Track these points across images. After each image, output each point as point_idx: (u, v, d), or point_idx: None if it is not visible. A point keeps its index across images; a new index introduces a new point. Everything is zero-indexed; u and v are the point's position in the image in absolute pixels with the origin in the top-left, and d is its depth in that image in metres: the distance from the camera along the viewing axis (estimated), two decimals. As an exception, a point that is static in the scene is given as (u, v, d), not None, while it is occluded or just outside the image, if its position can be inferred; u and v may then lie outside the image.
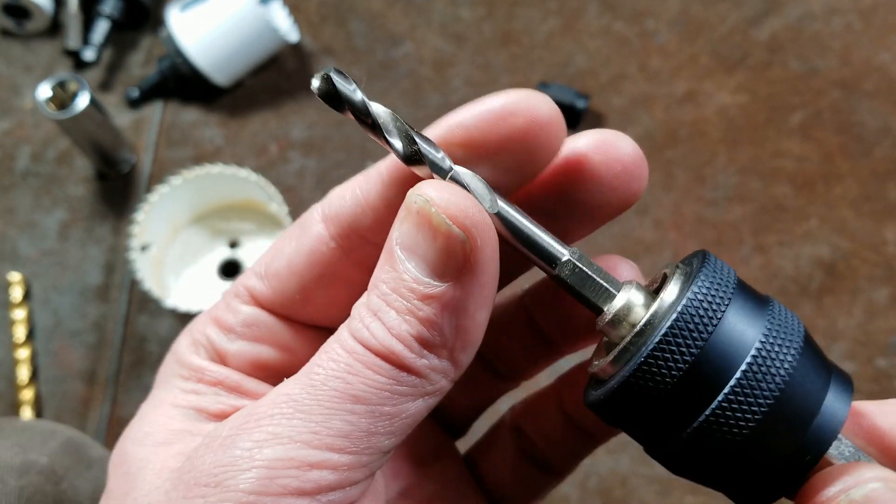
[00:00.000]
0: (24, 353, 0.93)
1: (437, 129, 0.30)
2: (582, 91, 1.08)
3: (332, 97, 0.28)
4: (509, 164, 0.29)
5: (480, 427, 0.45)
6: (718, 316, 0.26)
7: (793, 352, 0.26)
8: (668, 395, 0.26)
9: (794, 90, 1.10)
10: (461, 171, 0.29)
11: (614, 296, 0.29)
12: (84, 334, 0.96)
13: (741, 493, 0.27)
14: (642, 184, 0.31)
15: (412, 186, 0.29)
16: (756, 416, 0.25)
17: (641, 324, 0.27)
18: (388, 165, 0.31)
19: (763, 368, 0.25)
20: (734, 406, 0.25)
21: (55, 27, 1.15)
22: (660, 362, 0.26)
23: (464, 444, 0.44)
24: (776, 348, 0.26)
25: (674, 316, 0.26)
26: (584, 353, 0.38)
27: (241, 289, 0.35)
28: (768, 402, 0.25)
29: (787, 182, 1.04)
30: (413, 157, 0.28)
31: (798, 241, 1.00)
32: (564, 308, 0.36)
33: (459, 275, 0.27)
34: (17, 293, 0.96)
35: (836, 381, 0.27)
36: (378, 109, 0.29)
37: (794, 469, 0.26)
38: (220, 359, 0.35)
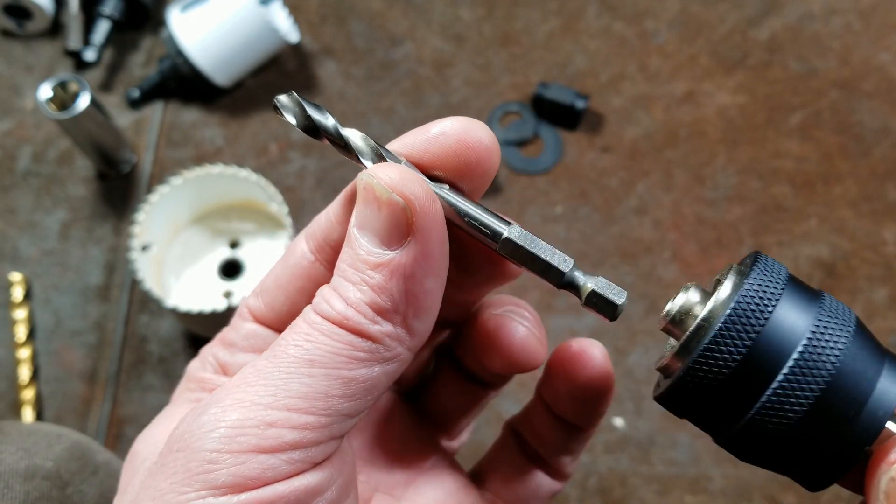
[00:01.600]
0: (24, 353, 0.93)
1: (395, 146, 0.33)
2: (582, 91, 1.08)
3: (311, 129, 0.32)
4: (454, 177, 0.33)
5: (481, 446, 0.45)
6: (770, 308, 0.28)
7: (844, 339, 0.28)
8: (726, 385, 0.28)
9: (793, 90, 1.10)
10: (383, 151, 0.32)
11: (561, 273, 0.31)
12: (85, 334, 0.96)
13: (803, 475, 0.29)
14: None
15: None
16: (809, 400, 0.27)
17: (700, 319, 0.29)
18: (349, 187, 0.34)
19: (815, 356, 0.27)
20: (788, 391, 0.27)
21: (56, 28, 1.15)
22: (717, 353, 0.28)
23: (467, 464, 0.45)
24: (827, 336, 0.28)
25: (728, 310, 0.28)
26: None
27: (243, 309, 0.39)
28: (820, 386, 0.27)
29: (786, 182, 1.04)
30: (339, 142, 0.32)
31: (797, 241, 1.00)
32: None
33: (404, 241, 0.30)
34: (17, 293, 0.96)
35: (890, 367, 0.28)
36: (349, 133, 0.32)
37: (850, 449, 0.28)
38: (224, 371, 0.38)
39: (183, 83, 1.08)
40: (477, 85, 1.11)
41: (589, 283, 0.32)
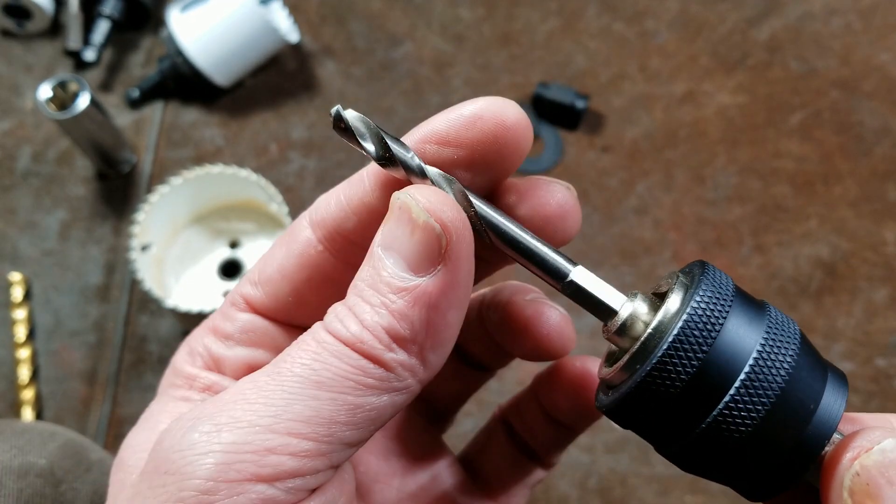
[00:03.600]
0: (24, 353, 0.93)
1: (415, 135, 0.31)
2: (582, 91, 1.08)
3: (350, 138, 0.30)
4: (481, 166, 0.31)
5: (467, 429, 0.46)
6: (720, 323, 0.28)
7: (791, 353, 0.28)
8: (676, 399, 0.28)
9: (793, 90, 1.10)
10: (431, 171, 0.30)
11: (615, 311, 0.30)
12: (84, 334, 0.96)
13: (747, 487, 0.29)
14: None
15: (393, 191, 0.30)
16: (760, 415, 0.27)
17: (647, 333, 0.29)
18: (369, 171, 0.33)
19: (764, 370, 0.27)
20: (739, 406, 0.27)
21: (56, 28, 1.15)
22: (668, 368, 0.27)
23: (456, 447, 0.46)
24: (775, 351, 0.28)
25: (679, 324, 0.27)
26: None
27: (237, 297, 0.36)
28: (770, 401, 0.27)
29: (786, 182, 1.04)
30: (385, 158, 0.30)
31: (797, 241, 1.00)
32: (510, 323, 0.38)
33: (433, 269, 0.28)
34: (17, 293, 0.96)
35: (832, 379, 0.29)
36: (350, 115, 0.30)
37: (796, 462, 0.28)
38: (216, 366, 0.36)
39: (183, 83, 1.08)
40: (477, 85, 1.11)
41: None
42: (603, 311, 0.31)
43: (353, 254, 0.34)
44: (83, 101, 0.90)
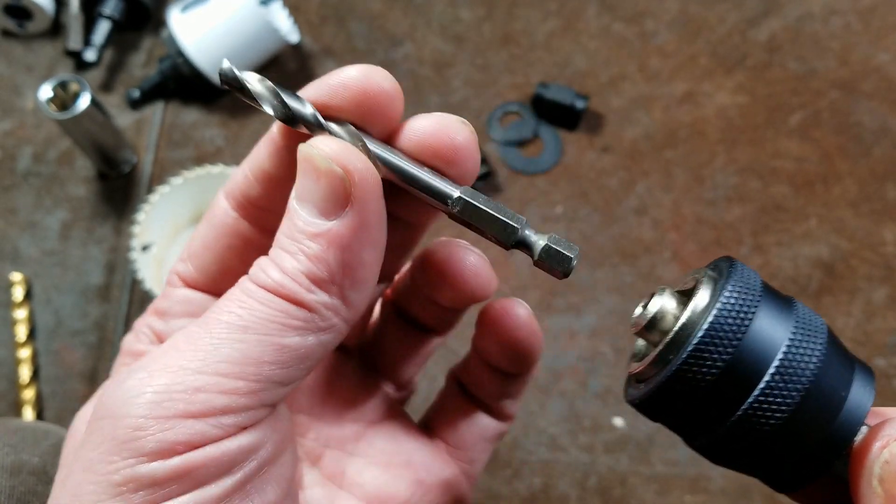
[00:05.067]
0: (25, 353, 0.94)
1: (305, 93, 0.33)
2: (581, 91, 1.08)
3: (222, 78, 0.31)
4: (365, 120, 0.33)
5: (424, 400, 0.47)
6: (749, 319, 0.28)
7: (819, 349, 0.28)
8: (706, 394, 0.28)
9: (793, 91, 1.10)
10: (333, 126, 0.32)
11: (515, 229, 0.32)
12: (85, 334, 0.96)
13: (775, 479, 0.30)
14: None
15: (287, 149, 0.33)
16: (791, 406, 0.28)
17: (677, 328, 0.29)
18: (263, 140, 0.35)
19: (793, 365, 0.28)
20: (768, 401, 0.28)
21: (56, 28, 1.15)
22: (701, 358, 0.28)
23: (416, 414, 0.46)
24: (803, 346, 0.28)
25: (709, 320, 0.28)
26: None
27: (172, 277, 0.38)
28: (801, 392, 0.28)
29: (786, 182, 1.04)
30: (287, 115, 0.31)
31: (797, 242, 1.01)
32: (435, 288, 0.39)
33: (342, 212, 0.30)
34: (18, 293, 0.97)
35: (859, 373, 0.29)
36: (248, 76, 0.32)
37: (826, 453, 0.29)
38: (159, 340, 0.38)
39: (183, 83, 1.08)
40: (477, 85, 1.11)
41: (541, 240, 0.32)
42: (499, 226, 0.32)
43: (264, 219, 0.36)
44: (84, 102, 0.90)
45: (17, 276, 0.98)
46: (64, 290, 0.99)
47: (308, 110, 0.31)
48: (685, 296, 0.31)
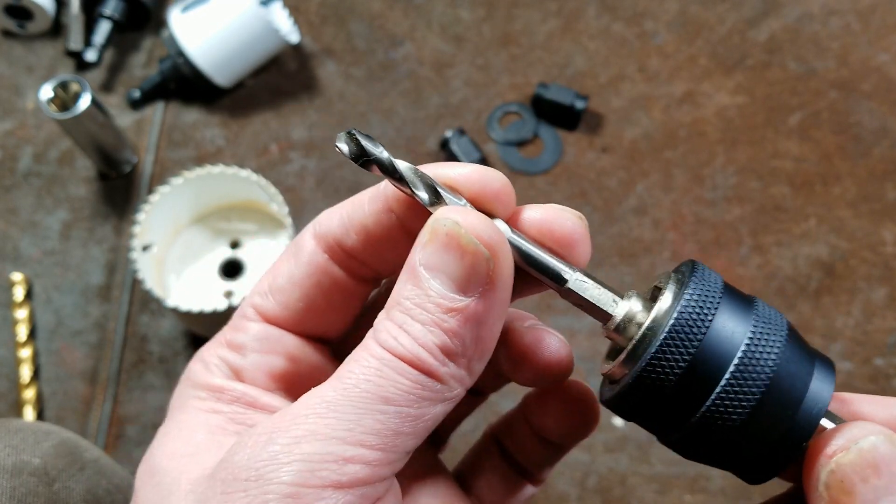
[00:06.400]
0: (25, 353, 0.94)
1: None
2: (581, 92, 1.08)
3: (360, 157, 0.32)
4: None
5: (459, 446, 0.47)
6: (710, 318, 0.29)
7: (778, 344, 0.30)
8: (672, 392, 0.29)
9: (792, 91, 1.10)
10: (468, 206, 0.33)
11: (610, 315, 0.33)
12: (86, 334, 0.96)
13: (745, 470, 0.31)
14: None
15: (394, 213, 0.34)
16: (750, 404, 0.29)
17: (643, 330, 0.31)
18: (370, 197, 0.35)
19: (753, 360, 0.29)
20: (731, 395, 0.29)
21: (57, 28, 1.15)
22: (662, 362, 0.29)
23: (450, 463, 0.47)
24: (763, 342, 0.29)
25: (671, 321, 0.29)
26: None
27: (247, 310, 0.38)
28: (759, 391, 0.29)
29: (785, 182, 1.04)
30: (436, 204, 0.33)
31: (796, 242, 1.01)
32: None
33: (481, 290, 0.30)
34: (19, 293, 0.97)
35: (819, 367, 0.30)
36: (401, 166, 0.33)
37: (790, 445, 0.30)
38: (236, 375, 0.37)
39: (183, 83, 1.08)
40: (477, 85, 1.12)
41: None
42: (600, 314, 0.33)
43: (354, 267, 0.37)
44: (84, 102, 0.90)
45: (17, 276, 0.98)
46: (64, 289, 0.99)
47: (462, 203, 0.33)
48: (652, 299, 0.32)
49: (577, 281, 0.33)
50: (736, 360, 0.29)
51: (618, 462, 0.89)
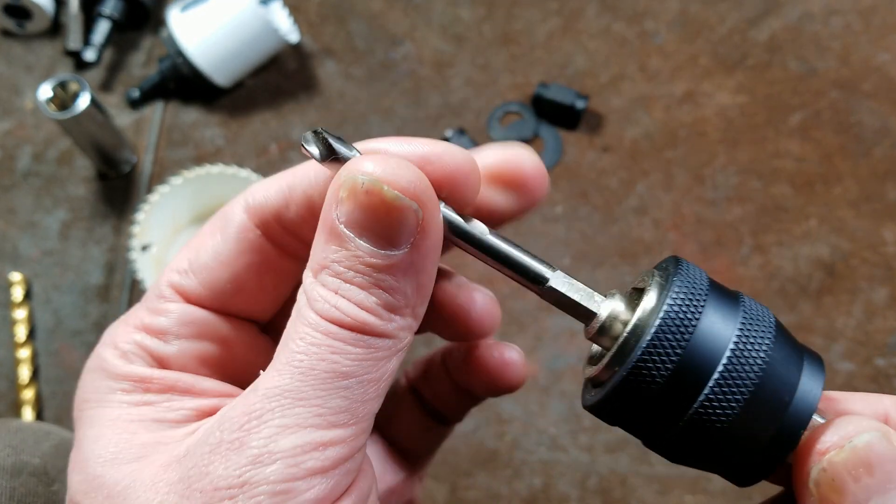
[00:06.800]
0: (25, 353, 0.93)
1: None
2: (581, 91, 1.08)
3: (332, 160, 0.30)
4: (450, 195, 0.33)
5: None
6: (697, 317, 0.28)
7: (766, 344, 0.29)
8: (658, 396, 0.28)
9: (793, 90, 1.10)
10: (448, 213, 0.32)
11: (594, 314, 0.31)
12: (85, 334, 0.96)
13: (734, 473, 0.30)
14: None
15: None
16: (738, 406, 0.28)
17: (627, 331, 0.29)
18: (320, 168, 0.33)
19: (740, 362, 0.28)
20: (720, 396, 0.28)
21: (56, 28, 1.15)
22: (648, 365, 0.28)
23: None
24: (750, 342, 0.28)
25: (657, 322, 0.28)
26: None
27: (165, 289, 0.35)
28: (747, 392, 0.28)
29: (786, 182, 1.04)
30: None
31: (797, 242, 1.00)
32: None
33: (413, 240, 0.29)
34: (18, 293, 0.97)
35: (808, 366, 0.29)
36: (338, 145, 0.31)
37: (779, 447, 0.29)
38: (161, 364, 0.35)
39: (183, 83, 1.08)
40: (477, 85, 1.11)
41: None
42: (583, 315, 0.31)
43: (289, 243, 0.35)
44: (83, 102, 0.90)
45: (16, 276, 0.97)
46: (64, 290, 0.98)
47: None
48: (637, 296, 0.31)
49: (558, 280, 0.31)
50: (724, 361, 0.28)
51: (618, 462, 0.89)
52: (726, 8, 1.16)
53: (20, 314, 0.96)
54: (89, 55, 1.09)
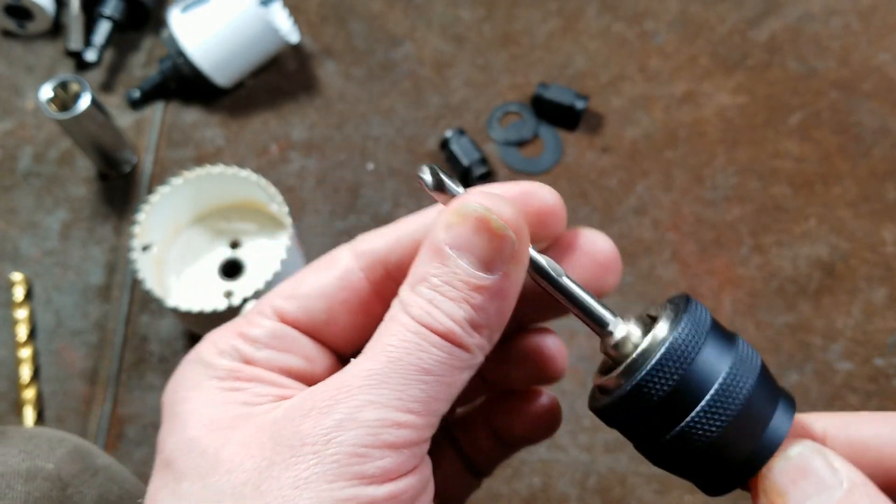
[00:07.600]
0: (25, 353, 0.94)
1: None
2: (581, 92, 1.08)
3: (439, 191, 0.36)
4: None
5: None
6: (696, 352, 0.34)
7: (750, 382, 0.34)
8: (655, 409, 0.34)
9: (793, 91, 1.10)
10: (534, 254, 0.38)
11: (616, 323, 0.38)
12: (85, 334, 0.96)
13: (705, 484, 0.36)
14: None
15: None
16: (719, 429, 0.34)
17: (637, 352, 0.35)
18: (427, 219, 0.39)
19: (727, 394, 0.34)
20: (704, 420, 0.34)
21: (57, 28, 1.15)
22: (650, 383, 0.34)
23: None
24: (737, 379, 0.34)
25: (663, 350, 0.34)
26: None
27: (266, 308, 0.40)
28: (729, 419, 0.34)
29: (785, 182, 1.04)
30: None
31: (797, 242, 1.01)
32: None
33: (505, 268, 0.34)
34: (18, 293, 0.97)
35: (782, 405, 0.35)
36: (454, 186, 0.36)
37: (745, 471, 0.35)
38: (248, 363, 0.39)
39: (183, 83, 1.08)
40: (477, 85, 1.11)
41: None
42: (599, 330, 0.38)
43: (386, 285, 0.40)
44: (84, 102, 0.90)
45: (17, 276, 0.98)
46: (64, 290, 0.99)
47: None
48: (647, 324, 0.37)
49: (616, 325, 0.37)
50: (713, 391, 0.34)
51: (618, 462, 0.89)
52: (726, 8, 1.16)
53: (21, 314, 0.96)
54: (90, 56, 1.09)
